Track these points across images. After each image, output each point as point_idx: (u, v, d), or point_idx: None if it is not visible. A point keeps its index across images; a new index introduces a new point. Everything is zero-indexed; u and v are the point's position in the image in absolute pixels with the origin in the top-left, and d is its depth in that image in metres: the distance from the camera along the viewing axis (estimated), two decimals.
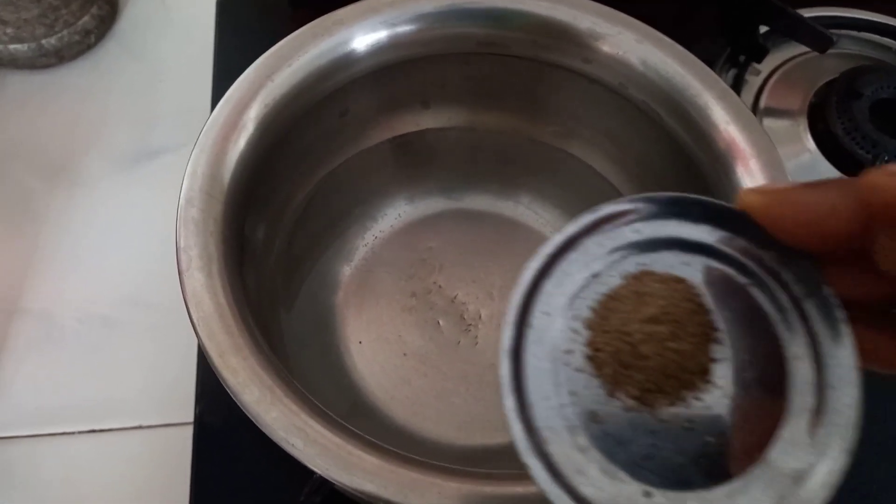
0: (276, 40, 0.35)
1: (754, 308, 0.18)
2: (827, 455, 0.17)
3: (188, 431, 0.41)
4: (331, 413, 0.26)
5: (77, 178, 0.51)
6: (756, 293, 0.19)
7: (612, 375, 0.18)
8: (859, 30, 0.56)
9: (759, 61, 0.53)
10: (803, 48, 0.53)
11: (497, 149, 0.43)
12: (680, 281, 0.19)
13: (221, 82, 0.52)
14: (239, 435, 0.39)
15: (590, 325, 0.19)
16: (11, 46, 0.51)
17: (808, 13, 0.53)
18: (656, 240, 0.19)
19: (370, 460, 0.24)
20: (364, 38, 0.34)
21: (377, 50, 0.35)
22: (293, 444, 0.24)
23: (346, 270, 0.41)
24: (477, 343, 0.40)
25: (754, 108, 0.52)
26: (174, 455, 0.41)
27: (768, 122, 0.51)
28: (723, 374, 0.18)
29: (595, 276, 0.19)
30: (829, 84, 0.52)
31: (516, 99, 0.41)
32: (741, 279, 0.19)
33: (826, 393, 0.17)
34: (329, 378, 0.37)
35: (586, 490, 0.17)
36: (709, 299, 0.19)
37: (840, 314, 0.18)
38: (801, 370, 0.18)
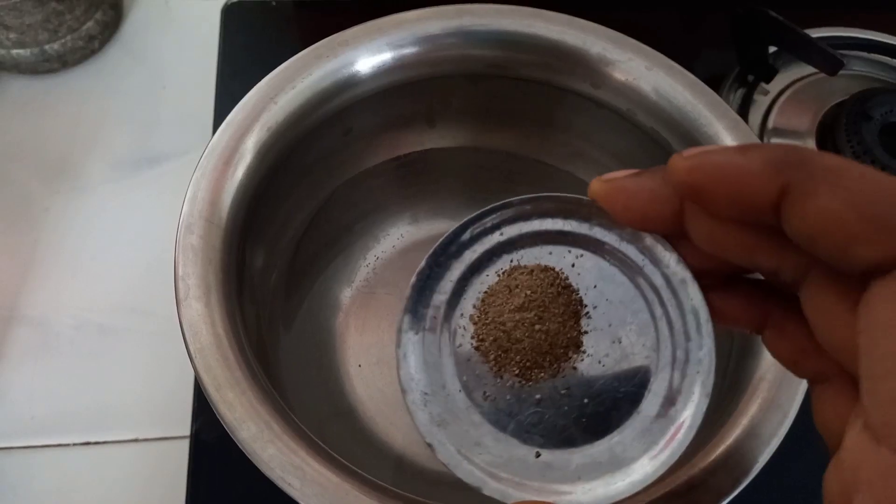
0: (280, 48, 0.34)
1: (617, 281, 0.21)
2: (690, 400, 0.20)
3: (185, 445, 0.40)
4: (327, 448, 0.26)
5: (78, 184, 0.50)
6: (616, 267, 0.21)
7: (496, 360, 0.21)
8: (869, 51, 0.55)
9: (768, 81, 0.52)
10: (812, 68, 0.52)
11: (503, 169, 0.42)
12: (546, 269, 0.21)
13: (225, 89, 0.52)
14: (236, 451, 0.38)
15: (473, 320, 0.21)
16: (14, 51, 0.50)
17: (816, 33, 0.52)
18: (522, 236, 0.21)
19: (368, 502, 0.24)
20: (369, 59, 0.34)
21: (382, 71, 0.34)
22: (290, 484, 0.24)
23: (347, 292, 0.40)
24: None
25: (763, 128, 0.52)
26: (170, 469, 0.41)
27: (777, 143, 0.51)
28: (593, 343, 0.21)
29: (475, 277, 0.22)
30: (838, 105, 0.51)
31: (524, 120, 0.40)
32: (602, 258, 0.21)
33: (686, 346, 0.20)
34: (327, 402, 0.37)
35: (483, 458, 0.20)
36: (575, 280, 0.21)
37: (689, 278, 0.20)
38: (662, 330, 0.20)
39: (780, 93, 0.53)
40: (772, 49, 0.52)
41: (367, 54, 0.34)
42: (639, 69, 0.34)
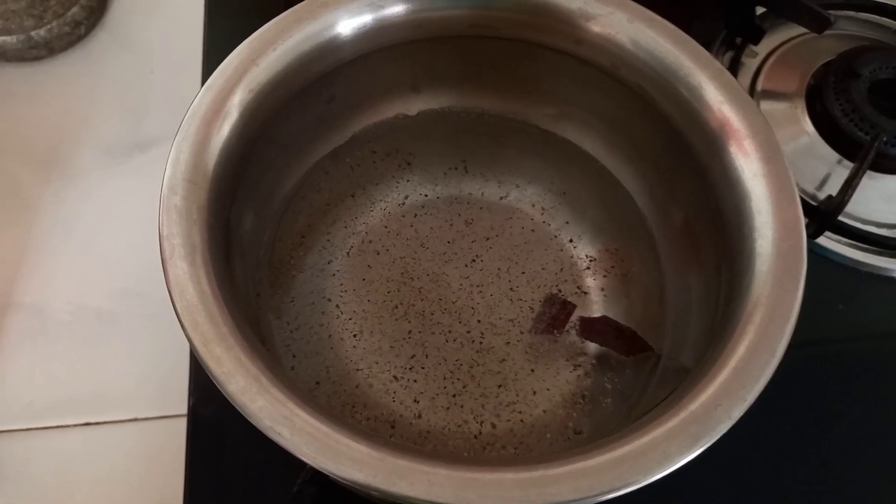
0: None
1: None
2: None
3: (183, 423, 0.40)
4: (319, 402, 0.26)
5: (69, 170, 0.50)
6: None
7: None
8: (857, 10, 0.55)
9: (756, 43, 0.52)
10: (800, 29, 0.52)
11: (489, 133, 0.42)
12: None
13: (212, 72, 0.52)
14: (233, 426, 0.38)
15: None
16: (0, 38, 0.50)
17: None
18: None
19: (359, 448, 0.24)
20: (349, 21, 0.34)
21: (363, 34, 0.34)
22: (280, 434, 0.24)
23: (337, 260, 0.40)
24: (469, 332, 0.39)
25: (751, 90, 0.51)
26: (170, 447, 0.41)
27: (765, 105, 0.50)
28: None
29: None
30: (826, 65, 0.51)
31: (509, 82, 0.40)
32: None
33: None
34: (323, 369, 0.37)
35: None
36: None
37: None
38: None
39: (768, 55, 0.53)
40: (760, 10, 0.52)
41: (348, 16, 0.34)
42: (620, 22, 0.34)
